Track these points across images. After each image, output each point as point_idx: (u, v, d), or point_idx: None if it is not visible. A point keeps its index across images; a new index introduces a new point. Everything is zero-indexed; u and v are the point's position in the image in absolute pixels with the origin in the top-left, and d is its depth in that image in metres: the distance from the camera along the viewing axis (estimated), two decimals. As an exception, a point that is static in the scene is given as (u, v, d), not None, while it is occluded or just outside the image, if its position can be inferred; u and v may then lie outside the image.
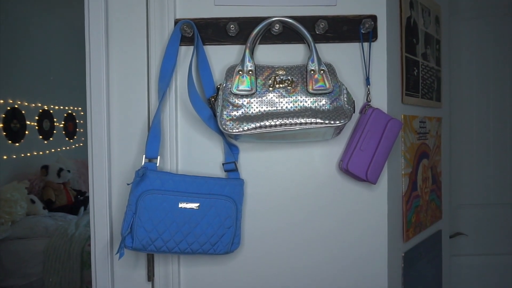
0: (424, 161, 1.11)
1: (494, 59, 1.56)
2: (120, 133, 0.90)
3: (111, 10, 0.90)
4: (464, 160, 1.57)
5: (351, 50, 0.90)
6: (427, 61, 1.12)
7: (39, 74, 3.84)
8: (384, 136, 0.85)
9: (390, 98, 0.92)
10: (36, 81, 3.79)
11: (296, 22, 0.83)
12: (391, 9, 0.94)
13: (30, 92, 3.70)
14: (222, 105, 0.80)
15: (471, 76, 1.58)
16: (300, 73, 0.82)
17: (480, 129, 1.57)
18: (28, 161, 3.58)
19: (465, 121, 1.58)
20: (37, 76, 3.81)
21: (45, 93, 3.94)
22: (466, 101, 1.58)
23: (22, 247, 2.74)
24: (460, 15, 1.55)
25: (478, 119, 1.57)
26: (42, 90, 3.90)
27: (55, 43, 4.15)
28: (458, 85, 1.57)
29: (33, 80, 3.75)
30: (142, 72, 0.90)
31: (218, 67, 0.89)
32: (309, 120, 0.77)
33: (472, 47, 1.57)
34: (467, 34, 1.56)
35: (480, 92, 1.57)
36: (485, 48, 1.56)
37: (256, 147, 0.90)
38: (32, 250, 2.73)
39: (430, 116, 1.15)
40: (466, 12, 1.56)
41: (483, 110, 1.57)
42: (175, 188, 0.80)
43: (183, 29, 0.86)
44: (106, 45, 0.90)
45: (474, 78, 1.58)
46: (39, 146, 3.81)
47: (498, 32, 1.55)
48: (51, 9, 3.86)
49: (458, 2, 1.55)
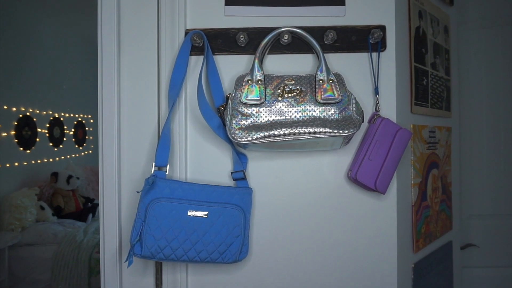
0: (433, 171, 1.10)
1: (504, 68, 1.55)
2: (130, 142, 0.91)
3: (123, 20, 0.92)
4: (475, 170, 1.56)
5: (360, 60, 0.90)
6: (436, 70, 1.12)
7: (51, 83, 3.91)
8: (393, 146, 0.85)
9: (399, 107, 0.92)
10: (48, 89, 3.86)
11: (305, 32, 0.84)
12: (400, 19, 0.94)
13: (42, 100, 3.76)
14: (231, 114, 0.81)
15: (481, 86, 1.57)
16: (309, 82, 0.83)
17: (490, 138, 1.55)
18: (38, 168, 3.63)
19: (475, 130, 1.56)
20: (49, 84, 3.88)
21: (56, 101, 4.01)
22: (476, 110, 1.56)
23: (30, 253, 2.77)
24: (469, 25, 1.55)
25: (488, 128, 1.56)
26: (54, 98, 3.97)
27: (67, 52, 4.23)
28: (468, 95, 1.56)
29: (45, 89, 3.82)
30: (152, 81, 0.91)
31: (228, 77, 0.90)
32: (318, 130, 0.77)
33: (482, 57, 1.56)
34: (476, 43, 1.56)
35: (490, 102, 1.56)
36: (495, 58, 1.55)
37: (264, 156, 0.90)
38: (40, 256, 2.76)
39: (439, 126, 1.14)
40: (475, 22, 1.56)
41: (493, 119, 1.56)
42: (184, 196, 0.81)
43: (193, 39, 0.87)
44: (117, 54, 0.91)
45: (484, 87, 1.57)
46: (49, 153, 3.86)
47: (508, 41, 1.54)
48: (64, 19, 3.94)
49: (467, 12, 1.55)
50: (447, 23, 1.20)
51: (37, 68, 3.69)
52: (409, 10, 0.99)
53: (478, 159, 1.56)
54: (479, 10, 1.56)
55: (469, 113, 1.56)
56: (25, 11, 3.46)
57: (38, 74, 3.72)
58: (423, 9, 1.05)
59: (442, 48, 1.16)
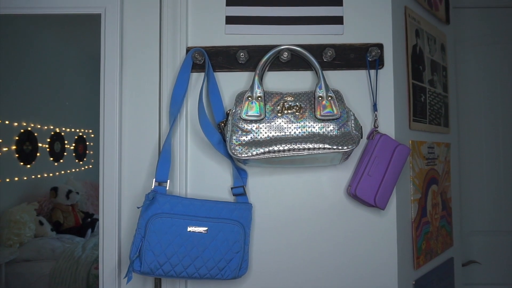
0: (433, 186, 1.10)
1: (502, 84, 1.57)
2: (131, 157, 0.92)
3: (125, 37, 0.94)
4: (475, 185, 1.56)
5: (358, 77, 0.92)
6: (434, 87, 1.13)
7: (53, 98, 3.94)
8: (392, 162, 0.86)
9: (397, 124, 0.93)
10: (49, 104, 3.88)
11: (304, 50, 0.86)
12: (397, 38, 0.96)
13: (44, 115, 3.78)
14: (232, 130, 0.82)
15: (479, 102, 1.58)
16: (308, 99, 0.84)
17: (489, 154, 1.56)
18: (38, 183, 3.62)
19: (475, 146, 1.57)
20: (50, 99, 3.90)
21: (58, 116, 4.03)
22: (475, 126, 1.58)
23: (28, 269, 2.73)
24: (466, 43, 1.57)
25: (488, 144, 1.56)
26: (55, 113, 3.99)
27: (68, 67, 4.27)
28: (467, 111, 1.57)
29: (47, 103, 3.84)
30: (154, 97, 0.93)
31: (228, 93, 0.91)
32: (317, 146, 0.78)
33: (479, 73, 1.58)
34: (473, 60, 1.58)
35: (488, 118, 1.57)
36: (492, 74, 1.57)
37: (264, 171, 0.91)
38: (38, 272, 2.72)
39: (438, 142, 1.15)
40: (472, 40, 1.58)
41: (492, 135, 1.57)
42: (184, 211, 0.81)
43: (194, 56, 0.89)
44: (120, 71, 0.93)
45: (482, 103, 1.58)
46: (50, 168, 3.86)
47: (505, 58, 1.57)
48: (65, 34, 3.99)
49: (464, 30, 1.57)
50: (443, 41, 1.22)
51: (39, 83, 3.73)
52: (406, 29, 1.01)
53: (478, 175, 1.56)
54: (475, 28, 1.59)
55: (468, 129, 1.57)
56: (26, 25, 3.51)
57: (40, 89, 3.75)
58: (420, 28, 1.08)
59: (439, 66, 1.18)
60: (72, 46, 4.32)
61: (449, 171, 1.22)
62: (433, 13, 1.16)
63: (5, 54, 3.23)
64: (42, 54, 3.80)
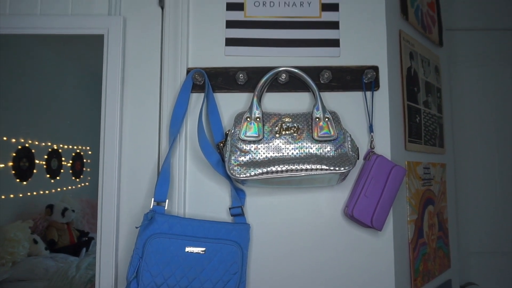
0: (429, 207, 1.11)
1: (496, 105, 1.60)
2: (130, 176, 0.92)
3: (127, 58, 0.96)
4: (472, 206, 1.56)
5: (354, 98, 0.94)
6: (428, 108, 1.16)
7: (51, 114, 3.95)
8: (388, 183, 0.87)
9: (393, 144, 0.95)
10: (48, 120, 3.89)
11: (301, 72, 0.88)
12: (392, 60, 0.99)
13: (42, 131, 3.79)
14: (230, 151, 0.83)
15: (474, 122, 1.60)
16: (306, 120, 0.86)
17: (485, 174, 1.57)
18: (34, 200, 3.59)
19: (470, 166, 1.58)
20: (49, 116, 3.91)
21: (56, 133, 4.03)
22: (471, 146, 1.59)
23: (21, 289, 2.68)
24: (460, 64, 1.61)
25: (483, 164, 1.58)
26: (54, 129, 3.99)
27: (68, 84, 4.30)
28: (462, 131, 1.59)
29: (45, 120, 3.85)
30: (154, 117, 0.94)
31: (227, 114, 0.92)
32: (314, 166, 0.79)
33: (473, 94, 1.61)
34: (467, 81, 1.61)
35: (484, 138, 1.59)
36: (486, 95, 1.60)
37: (262, 191, 0.92)
38: (31, 292, 2.67)
39: (434, 162, 1.16)
40: (466, 61, 1.62)
41: (488, 155, 1.58)
42: (182, 232, 0.81)
43: (194, 77, 0.91)
44: (121, 91, 0.94)
45: (477, 123, 1.60)
46: (46, 185, 3.84)
47: (499, 79, 1.60)
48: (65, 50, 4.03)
49: (457, 52, 1.61)
50: (437, 63, 1.25)
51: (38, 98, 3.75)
52: (401, 52, 1.04)
53: (475, 195, 1.57)
54: (468, 50, 1.62)
55: (464, 149, 1.58)
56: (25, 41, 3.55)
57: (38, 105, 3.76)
58: (414, 50, 1.10)
59: (433, 87, 1.21)
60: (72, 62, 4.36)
61: (445, 192, 1.23)
62: (427, 36, 1.19)
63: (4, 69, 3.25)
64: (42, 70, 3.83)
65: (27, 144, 3.52)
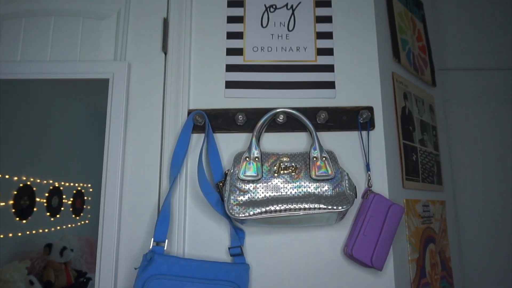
0: (431, 245, 1.10)
1: (493, 141, 1.62)
2: (131, 216, 0.93)
3: (131, 100, 1.00)
4: (474, 244, 1.54)
5: (351, 138, 0.96)
6: (425, 146, 1.18)
7: (53, 151, 3.99)
8: (386, 221, 0.87)
9: (390, 183, 0.96)
10: (50, 158, 3.92)
11: (299, 113, 0.91)
12: (386, 101, 1.03)
13: (44, 169, 3.81)
14: (230, 190, 0.84)
15: (472, 158, 1.62)
16: (303, 160, 0.88)
17: (486, 211, 1.56)
18: (32, 239, 3.54)
19: (472, 203, 1.58)
20: (51, 152, 3.95)
21: (58, 170, 4.05)
22: (470, 183, 1.60)
23: (13, 334, 2.58)
24: (454, 102, 1.65)
25: (484, 201, 1.57)
26: (56, 167, 4.01)
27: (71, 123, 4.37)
28: (460, 168, 1.60)
29: (48, 158, 3.88)
30: (155, 157, 0.96)
31: (227, 154, 0.95)
32: (312, 206, 0.80)
33: (470, 131, 1.63)
34: (463, 118, 1.64)
35: (483, 174, 1.60)
36: (483, 131, 1.63)
37: (262, 231, 0.92)
38: (24, 337, 2.57)
39: (433, 200, 1.17)
40: (460, 99, 1.66)
41: (487, 192, 1.58)
42: (181, 273, 0.80)
43: (195, 118, 0.94)
44: (124, 131, 0.97)
45: (476, 160, 1.61)
46: (46, 223, 3.80)
47: (494, 116, 1.63)
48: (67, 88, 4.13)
49: (451, 90, 1.66)
50: (431, 102, 1.29)
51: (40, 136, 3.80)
52: (394, 93, 1.08)
53: (477, 233, 1.55)
54: (462, 88, 1.67)
55: (464, 186, 1.59)
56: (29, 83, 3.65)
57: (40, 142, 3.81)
58: (408, 91, 1.14)
59: (428, 125, 1.24)
60: (75, 101, 4.46)
61: (446, 229, 1.23)
62: (420, 77, 1.24)
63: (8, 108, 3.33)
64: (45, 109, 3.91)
65: (29, 182, 3.53)
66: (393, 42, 1.12)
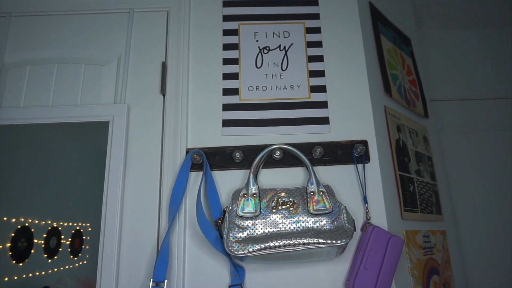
0: (434, 277, 1.09)
1: (490, 168, 1.63)
2: (130, 256, 0.93)
3: (130, 140, 1.02)
4: (480, 274, 1.52)
5: (347, 171, 0.98)
6: (421, 177, 1.19)
7: (51, 191, 3.97)
8: (387, 254, 0.87)
9: (389, 215, 0.96)
10: (48, 199, 3.90)
11: (294, 149, 0.93)
12: (380, 134, 1.05)
13: (42, 210, 3.77)
14: (229, 227, 0.84)
15: (470, 186, 1.63)
16: (301, 194, 0.89)
17: (489, 239, 1.55)
18: (29, 282, 3.45)
19: (474, 232, 1.57)
20: (49, 193, 3.93)
21: (56, 211, 4.01)
22: (471, 211, 1.60)
23: None
24: (448, 132, 1.68)
25: (485, 229, 1.57)
26: (54, 207, 3.98)
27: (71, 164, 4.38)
28: (460, 197, 1.61)
29: (46, 198, 3.86)
30: (154, 196, 0.97)
31: (225, 191, 0.96)
32: (311, 240, 0.80)
33: (466, 159, 1.65)
34: (458, 147, 1.67)
35: (483, 202, 1.60)
36: (479, 159, 1.65)
37: (262, 267, 0.91)
38: None
39: (433, 230, 1.17)
40: (453, 128, 1.70)
41: (488, 219, 1.58)
42: (181, 314, 0.79)
43: (193, 157, 0.96)
44: (123, 170, 0.99)
45: (474, 188, 1.62)
46: (43, 265, 3.71)
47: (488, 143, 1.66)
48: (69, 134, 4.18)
49: (444, 121, 1.70)
50: (425, 133, 1.32)
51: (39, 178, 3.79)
52: (388, 126, 1.10)
53: (482, 262, 1.53)
54: (454, 118, 1.71)
55: (464, 215, 1.59)
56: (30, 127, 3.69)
57: (38, 182, 3.80)
58: (401, 123, 1.17)
59: (424, 156, 1.26)
60: (74, 142, 4.49)
61: (449, 260, 1.21)
62: (412, 110, 1.27)
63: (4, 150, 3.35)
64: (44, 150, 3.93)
65: (27, 223, 3.49)
66: (384, 77, 1.16)
